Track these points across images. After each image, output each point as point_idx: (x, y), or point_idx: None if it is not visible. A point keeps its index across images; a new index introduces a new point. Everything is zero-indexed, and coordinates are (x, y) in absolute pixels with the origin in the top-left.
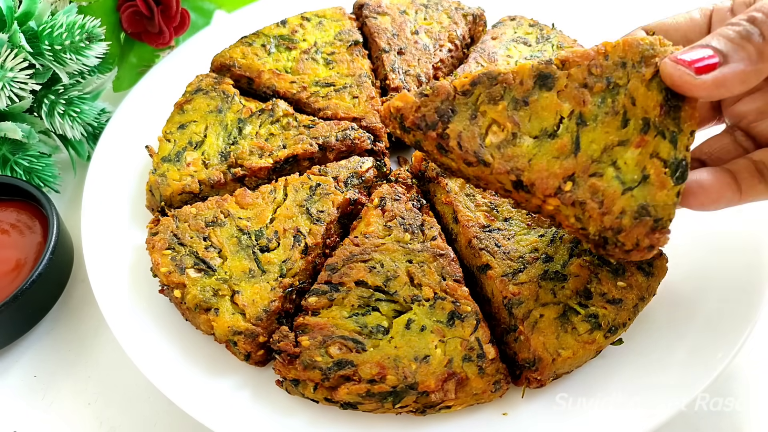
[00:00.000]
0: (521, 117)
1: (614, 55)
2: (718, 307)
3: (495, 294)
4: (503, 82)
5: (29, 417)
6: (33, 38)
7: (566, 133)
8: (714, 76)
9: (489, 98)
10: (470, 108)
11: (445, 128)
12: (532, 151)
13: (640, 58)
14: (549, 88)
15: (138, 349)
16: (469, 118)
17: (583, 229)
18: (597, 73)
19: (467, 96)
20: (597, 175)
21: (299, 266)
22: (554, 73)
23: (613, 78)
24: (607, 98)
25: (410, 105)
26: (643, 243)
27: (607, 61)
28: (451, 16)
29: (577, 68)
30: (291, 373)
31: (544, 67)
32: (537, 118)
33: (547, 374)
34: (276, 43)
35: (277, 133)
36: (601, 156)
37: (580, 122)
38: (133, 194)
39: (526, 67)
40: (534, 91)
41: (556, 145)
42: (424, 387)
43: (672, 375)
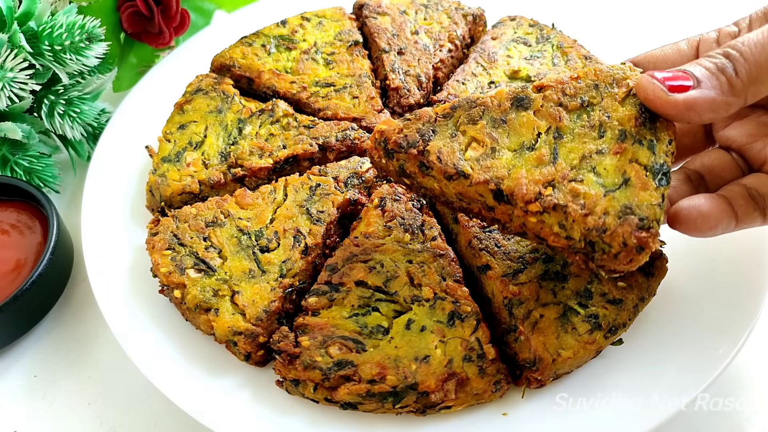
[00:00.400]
0: (500, 134)
1: (586, 79)
2: (719, 307)
3: (495, 294)
4: (482, 105)
5: (29, 417)
6: (33, 38)
7: (544, 145)
8: (685, 97)
9: (468, 119)
10: (450, 128)
11: (426, 145)
12: (511, 162)
13: (612, 81)
14: (525, 108)
15: (138, 349)
16: (449, 137)
17: (569, 238)
18: (571, 94)
19: (447, 118)
20: (577, 180)
21: (299, 266)
22: (530, 95)
23: (587, 98)
24: (583, 114)
25: (393, 128)
26: (630, 241)
27: (580, 84)
28: (451, 16)
29: (551, 91)
30: (291, 373)
31: (519, 91)
32: (515, 134)
33: (548, 374)
34: (276, 43)
35: (277, 134)
36: (580, 164)
37: (558, 136)
38: (133, 194)
39: (503, 92)
40: (511, 111)
41: (535, 155)
42: (424, 387)
43: (672, 375)
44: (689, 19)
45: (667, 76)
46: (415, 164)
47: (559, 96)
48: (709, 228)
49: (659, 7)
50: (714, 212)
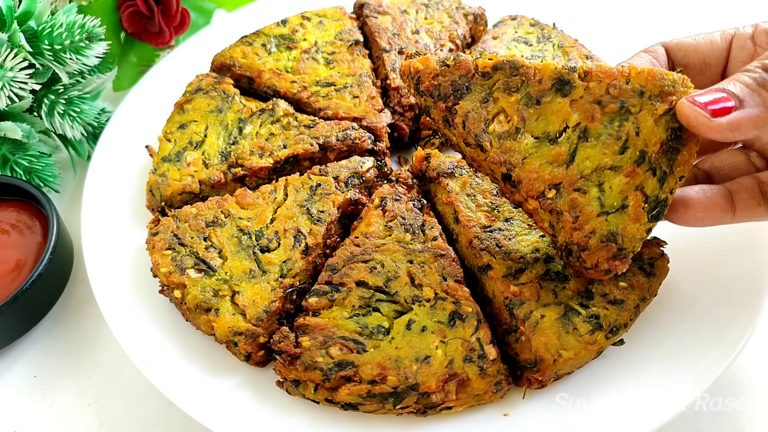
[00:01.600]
0: (530, 114)
1: (635, 82)
2: (720, 308)
3: (496, 294)
4: (523, 75)
5: (29, 417)
6: (33, 38)
7: (566, 142)
8: (729, 120)
9: (505, 87)
10: (485, 90)
11: (456, 103)
12: (529, 150)
13: (659, 92)
14: (564, 94)
15: (138, 349)
16: (480, 101)
17: (554, 236)
18: (614, 94)
19: (486, 78)
20: (581, 191)
21: (300, 266)
22: (574, 81)
23: (627, 103)
24: (615, 121)
25: (429, 70)
26: (602, 266)
27: (627, 86)
28: (451, 16)
29: (596, 83)
30: (291, 373)
31: (566, 73)
32: (544, 120)
33: (549, 375)
34: (276, 42)
35: (278, 133)
36: (591, 174)
37: (582, 137)
38: (134, 194)
39: (549, 68)
40: (549, 93)
41: (553, 151)
42: (425, 388)
43: (673, 375)
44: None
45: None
46: (440, 115)
47: (602, 92)
48: (696, 220)
49: (660, 6)
50: (702, 204)
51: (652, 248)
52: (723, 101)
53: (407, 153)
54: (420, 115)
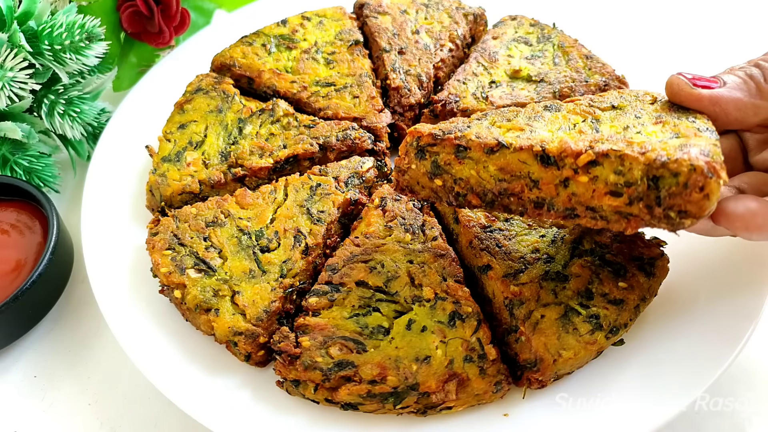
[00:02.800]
0: (536, 123)
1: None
2: (720, 308)
3: (496, 294)
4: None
5: (29, 417)
6: (33, 38)
7: (585, 124)
8: (710, 93)
9: (503, 118)
10: (485, 123)
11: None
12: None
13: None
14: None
15: (138, 349)
16: (485, 128)
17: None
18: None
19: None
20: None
21: (300, 266)
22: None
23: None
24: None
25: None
26: (698, 164)
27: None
28: (451, 16)
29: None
30: (291, 373)
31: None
32: (552, 123)
33: (549, 375)
34: (276, 42)
35: (278, 133)
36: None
37: (595, 121)
38: (133, 194)
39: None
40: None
41: (577, 129)
42: (425, 388)
43: (673, 375)
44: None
45: (696, 75)
46: (451, 151)
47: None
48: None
49: (659, 6)
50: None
51: (652, 248)
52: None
53: None
54: (420, 115)
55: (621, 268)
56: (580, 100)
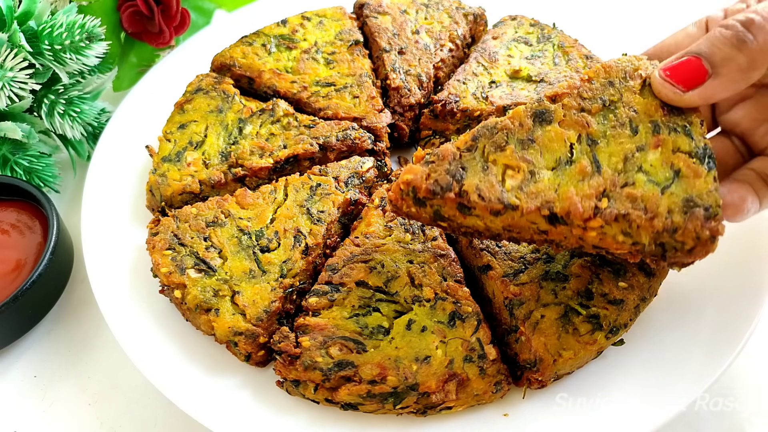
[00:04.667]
0: (532, 155)
1: (598, 79)
2: (720, 308)
3: (496, 294)
4: (503, 129)
5: (29, 417)
6: (33, 38)
7: (582, 155)
8: (700, 92)
9: (494, 147)
10: (479, 161)
11: (461, 185)
12: (555, 181)
13: (624, 75)
14: (549, 121)
15: (138, 349)
16: (481, 170)
17: (636, 243)
18: (589, 97)
19: (472, 151)
20: (629, 185)
21: (300, 267)
22: (548, 108)
23: (606, 96)
24: (609, 114)
25: (420, 175)
26: (703, 235)
27: (594, 85)
28: (451, 16)
29: (568, 98)
30: (291, 373)
31: (537, 106)
32: (548, 151)
33: (548, 375)
34: (276, 42)
35: (278, 133)
36: (625, 166)
37: (591, 143)
38: (134, 194)
39: (520, 111)
40: (536, 129)
41: (576, 168)
42: (424, 388)
43: (673, 375)
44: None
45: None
46: (453, 207)
47: (578, 101)
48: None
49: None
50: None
51: None
52: (695, 69)
53: (407, 153)
54: (420, 115)
55: (621, 268)
56: (568, 99)
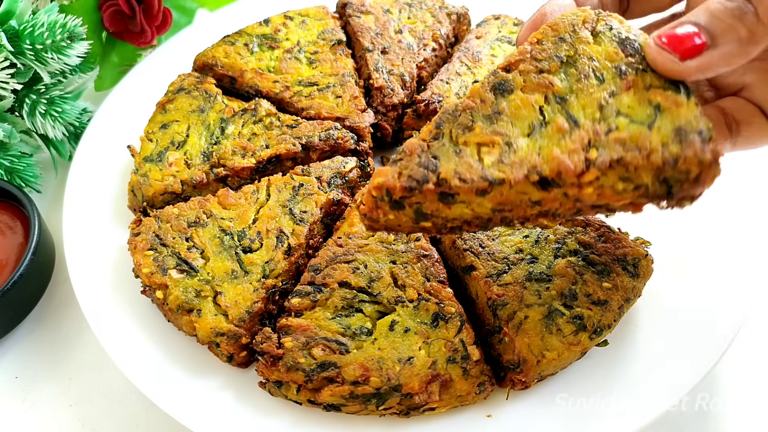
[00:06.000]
0: (503, 126)
1: (548, 38)
2: (704, 308)
3: (479, 295)
4: (465, 109)
5: (10, 419)
6: (14, 37)
7: (555, 114)
8: (699, 63)
9: (461, 128)
10: (450, 147)
11: (438, 174)
12: (535, 146)
13: (573, 28)
14: (510, 90)
15: (120, 350)
16: (455, 155)
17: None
18: (544, 57)
19: (439, 139)
20: (613, 130)
21: (282, 267)
22: (506, 78)
23: (562, 53)
24: (569, 70)
25: (391, 175)
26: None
27: (545, 45)
28: (435, 15)
29: (523, 64)
30: (274, 374)
31: (493, 79)
32: (518, 119)
33: (532, 376)
34: (259, 42)
35: (260, 133)
36: (603, 113)
37: (560, 100)
38: (115, 194)
39: (477, 87)
40: (499, 101)
41: (553, 128)
42: (407, 389)
43: (657, 376)
44: None
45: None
46: (435, 199)
47: (534, 64)
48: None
49: None
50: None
51: (636, 249)
52: (693, 38)
53: (390, 153)
54: (403, 115)
55: (605, 268)
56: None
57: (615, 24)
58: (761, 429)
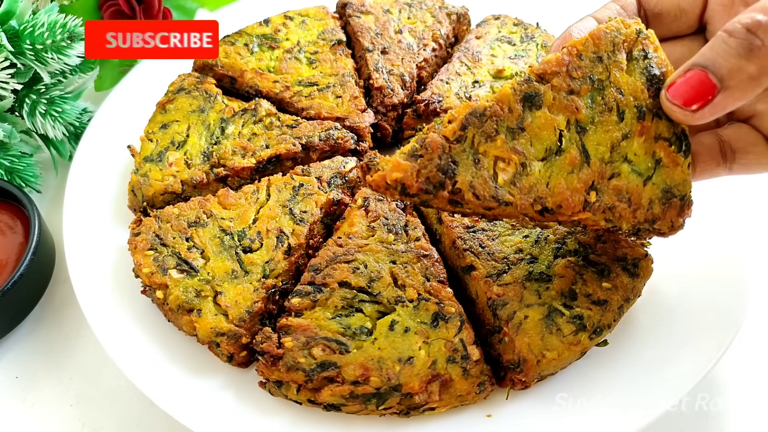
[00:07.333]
0: (522, 144)
1: (587, 53)
2: (704, 308)
3: (479, 295)
4: (492, 115)
5: (11, 419)
6: (14, 37)
7: (571, 144)
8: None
9: (485, 137)
10: (470, 153)
11: (455, 183)
12: (546, 173)
13: (612, 47)
14: (539, 106)
15: (120, 350)
16: (473, 164)
17: (615, 227)
18: (578, 76)
19: (462, 142)
20: (615, 176)
21: (282, 267)
22: (538, 91)
23: (595, 75)
24: (596, 97)
25: (410, 172)
26: (677, 223)
27: (583, 61)
28: (435, 15)
29: (557, 78)
30: (274, 374)
31: (526, 88)
32: (538, 140)
33: (532, 376)
34: (259, 42)
35: (260, 133)
36: (612, 155)
37: (580, 130)
38: (116, 194)
39: (509, 93)
40: (526, 115)
41: (566, 160)
42: (407, 388)
43: (657, 376)
44: None
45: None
46: (444, 202)
47: (567, 82)
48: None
49: None
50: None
51: (636, 249)
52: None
53: (390, 153)
54: (403, 115)
55: (605, 268)
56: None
57: (650, 52)
58: (761, 429)
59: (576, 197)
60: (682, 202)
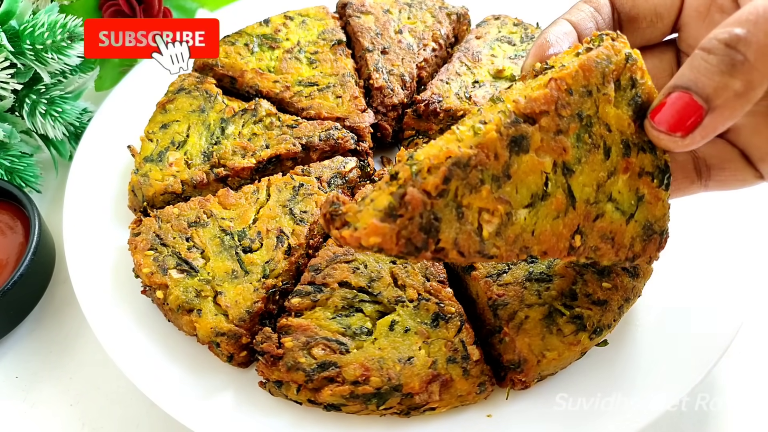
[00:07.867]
0: (508, 192)
1: (577, 87)
2: (704, 308)
3: (480, 295)
4: (477, 165)
5: (11, 418)
6: (14, 37)
7: (557, 188)
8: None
9: (469, 188)
10: (453, 207)
11: (438, 241)
12: (531, 221)
13: (602, 79)
14: (526, 150)
15: (120, 350)
16: (456, 219)
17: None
18: (567, 114)
19: (445, 196)
20: (600, 217)
21: (282, 267)
22: (526, 134)
23: (584, 112)
24: (583, 135)
25: (388, 236)
26: (655, 257)
27: (572, 96)
28: (435, 15)
29: (545, 117)
30: (274, 374)
31: (514, 131)
32: (524, 186)
33: (532, 376)
34: (259, 42)
35: (260, 133)
36: (597, 195)
37: (566, 171)
38: (116, 194)
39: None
40: (512, 161)
41: (552, 205)
42: (408, 389)
43: (657, 376)
44: None
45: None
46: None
47: (556, 121)
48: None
49: None
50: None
51: None
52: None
53: (390, 153)
54: (403, 115)
55: (605, 268)
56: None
57: (638, 79)
58: (761, 429)
59: (562, 243)
60: (660, 237)
